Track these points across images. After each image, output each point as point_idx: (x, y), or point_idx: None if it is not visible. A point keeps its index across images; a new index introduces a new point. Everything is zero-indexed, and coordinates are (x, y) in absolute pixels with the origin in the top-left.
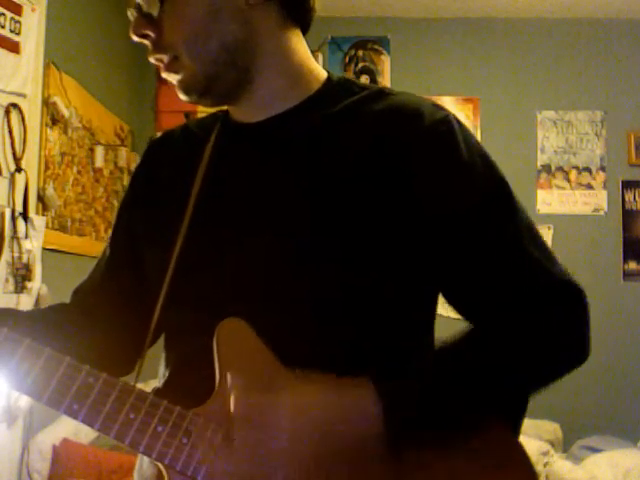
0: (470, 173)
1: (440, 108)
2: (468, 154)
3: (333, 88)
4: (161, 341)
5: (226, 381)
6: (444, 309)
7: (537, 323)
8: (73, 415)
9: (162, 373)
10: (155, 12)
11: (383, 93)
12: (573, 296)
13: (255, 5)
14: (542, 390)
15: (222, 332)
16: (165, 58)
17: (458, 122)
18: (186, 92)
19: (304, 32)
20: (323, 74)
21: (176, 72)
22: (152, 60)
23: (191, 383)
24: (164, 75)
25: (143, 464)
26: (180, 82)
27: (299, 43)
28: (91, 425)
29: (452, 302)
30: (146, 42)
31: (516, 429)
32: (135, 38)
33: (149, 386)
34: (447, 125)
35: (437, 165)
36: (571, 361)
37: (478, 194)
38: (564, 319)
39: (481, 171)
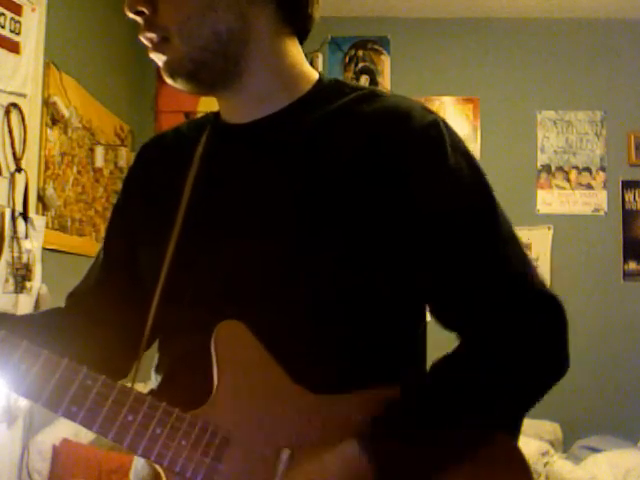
0: (455, 179)
1: (429, 111)
2: (454, 159)
3: (324, 90)
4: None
5: (224, 384)
6: None
7: (516, 336)
8: (71, 417)
9: (155, 376)
10: None
11: (374, 94)
12: (552, 307)
13: (253, 1)
14: (529, 406)
15: (220, 334)
16: (155, 37)
17: (446, 125)
18: (171, 75)
19: (301, 40)
20: (314, 76)
21: (163, 53)
22: (142, 38)
23: (187, 383)
24: (152, 55)
25: (138, 465)
26: (166, 64)
27: (293, 48)
28: (89, 427)
29: (430, 306)
30: (139, 19)
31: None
32: (129, 14)
33: (147, 387)
34: (436, 128)
35: (425, 168)
36: (550, 377)
37: (461, 202)
38: (543, 331)
39: (466, 177)
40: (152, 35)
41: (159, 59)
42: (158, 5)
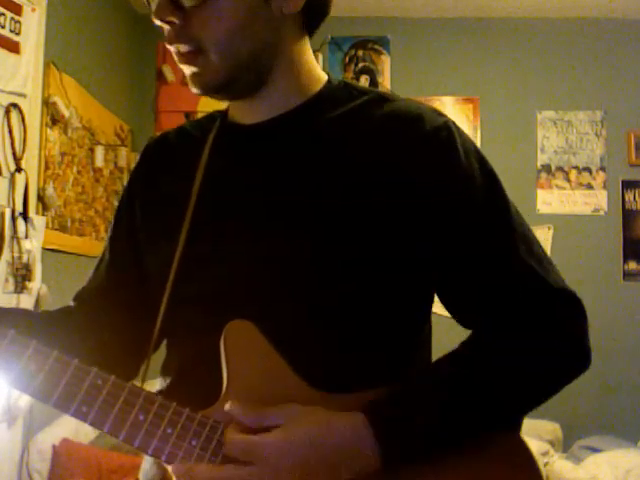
0: (468, 180)
1: (440, 114)
2: (467, 160)
3: (333, 91)
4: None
5: (234, 383)
6: (444, 309)
7: (532, 332)
8: (82, 417)
9: (164, 374)
10: (192, 3)
11: (383, 98)
12: (569, 304)
13: (288, 14)
14: (544, 400)
15: (230, 334)
16: (186, 48)
17: (457, 127)
18: (202, 86)
19: (310, 37)
20: (323, 77)
21: (195, 64)
22: (170, 47)
23: (197, 384)
24: (181, 65)
25: (147, 465)
26: (197, 75)
27: (308, 49)
28: (100, 428)
29: (448, 306)
30: (165, 27)
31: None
32: (157, 22)
33: (149, 385)
34: (447, 131)
35: (437, 171)
36: (571, 369)
37: (475, 202)
38: (560, 327)
39: (479, 177)
40: (182, 46)
41: (189, 69)
42: (191, 16)
